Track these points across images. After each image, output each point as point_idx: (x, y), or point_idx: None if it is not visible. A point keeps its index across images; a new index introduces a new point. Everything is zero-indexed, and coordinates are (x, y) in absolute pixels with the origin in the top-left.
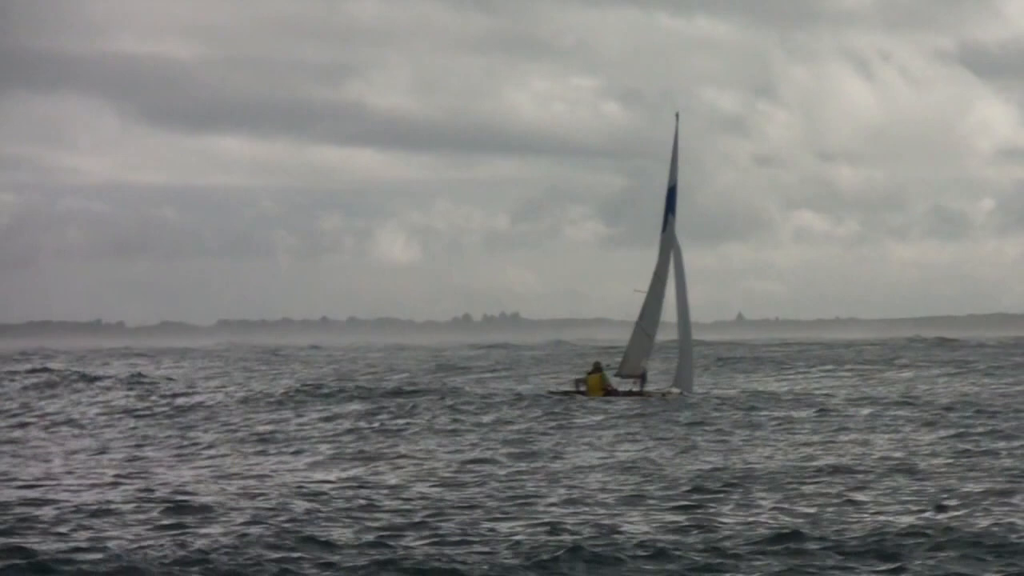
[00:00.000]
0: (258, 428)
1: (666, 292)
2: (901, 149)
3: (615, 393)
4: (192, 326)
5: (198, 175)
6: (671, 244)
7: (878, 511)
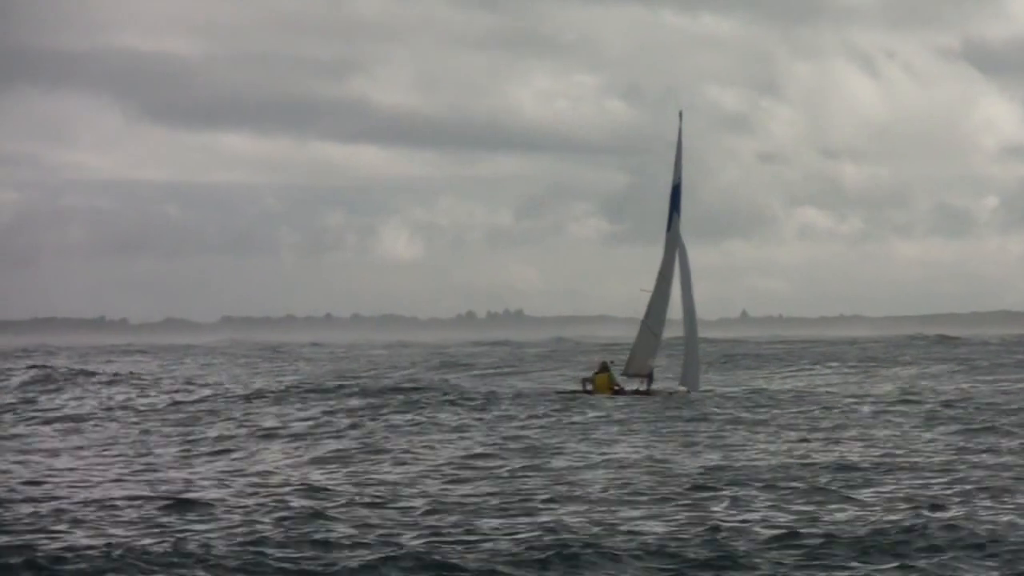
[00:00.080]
0: (260, 425)
1: (671, 291)
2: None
3: (622, 392)
4: (195, 323)
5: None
6: (676, 243)
7: (879, 509)
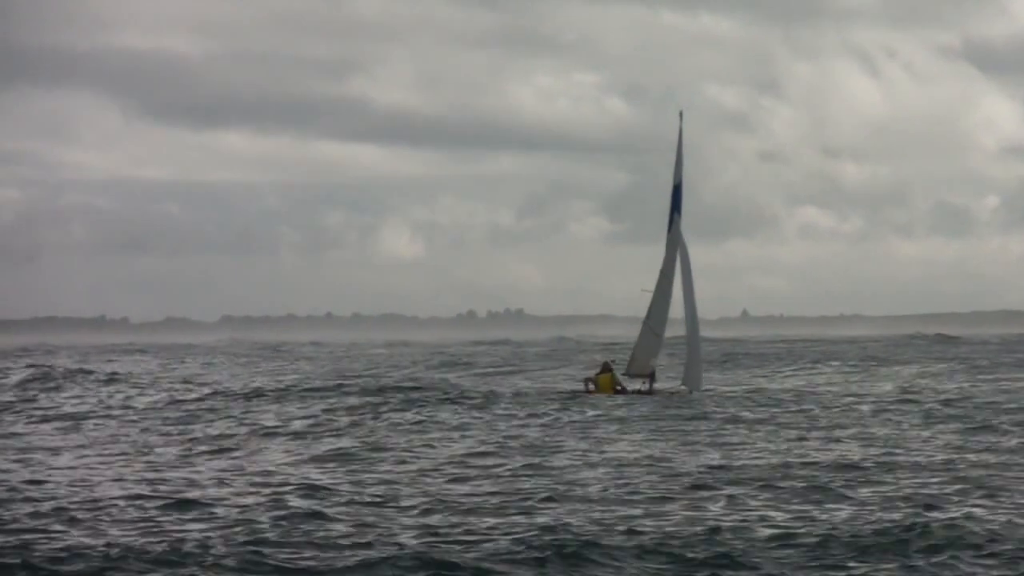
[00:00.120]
0: (260, 424)
1: (673, 291)
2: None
3: (625, 392)
4: (196, 322)
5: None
6: (677, 243)
7: (878, 508)
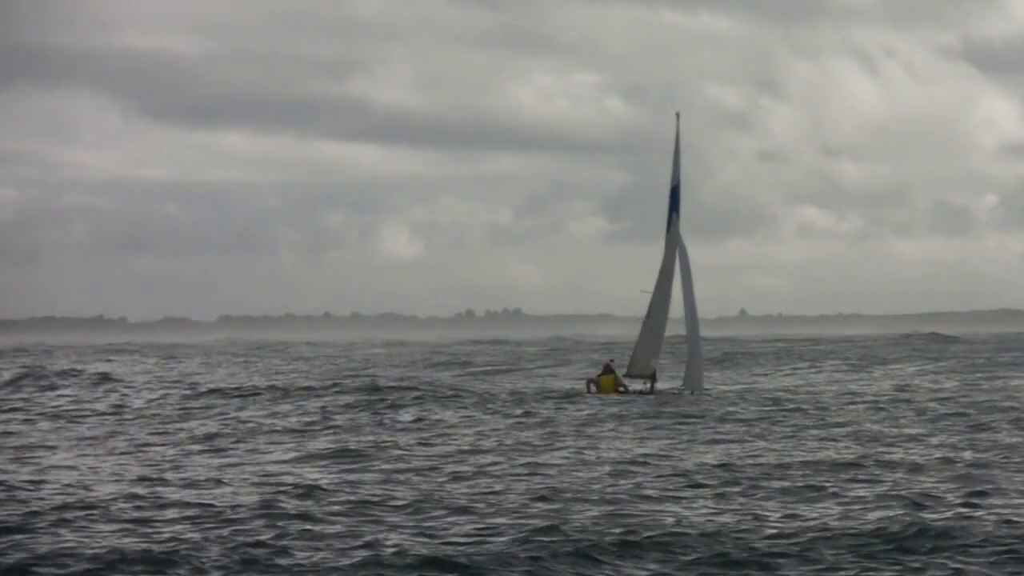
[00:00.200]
0: (256, 423)
1: (672, 291)
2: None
3: (627, 393)
4: (194, 322)
5: (201, 171)
6: (676, 244)
7: (876, 507)
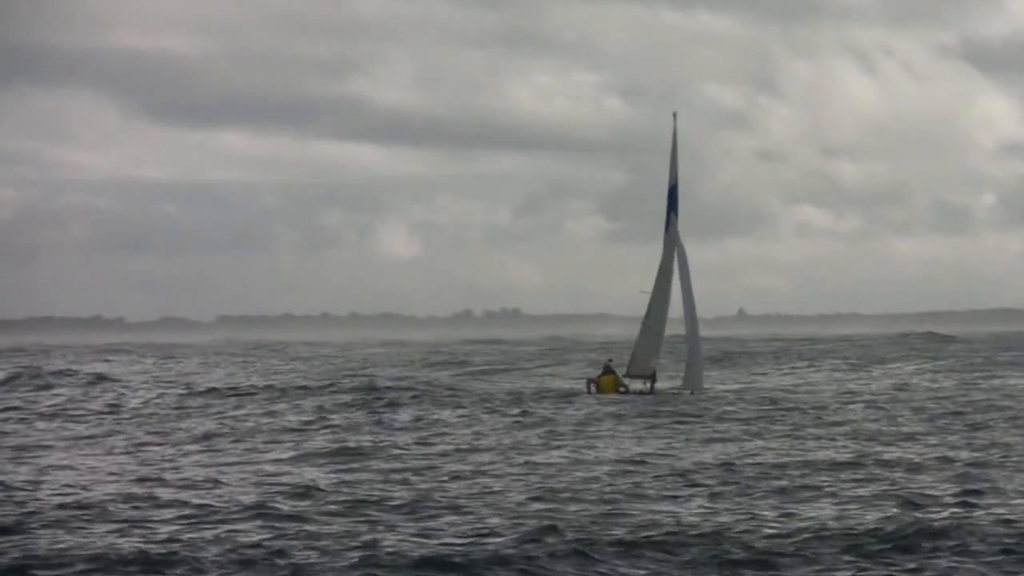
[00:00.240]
0: (254, 423)
1: (671, 291)
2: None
3: (627, 393)
4: (193, 322)
5: (200, 170)
6: (675, 244)
7: (874, 507)
